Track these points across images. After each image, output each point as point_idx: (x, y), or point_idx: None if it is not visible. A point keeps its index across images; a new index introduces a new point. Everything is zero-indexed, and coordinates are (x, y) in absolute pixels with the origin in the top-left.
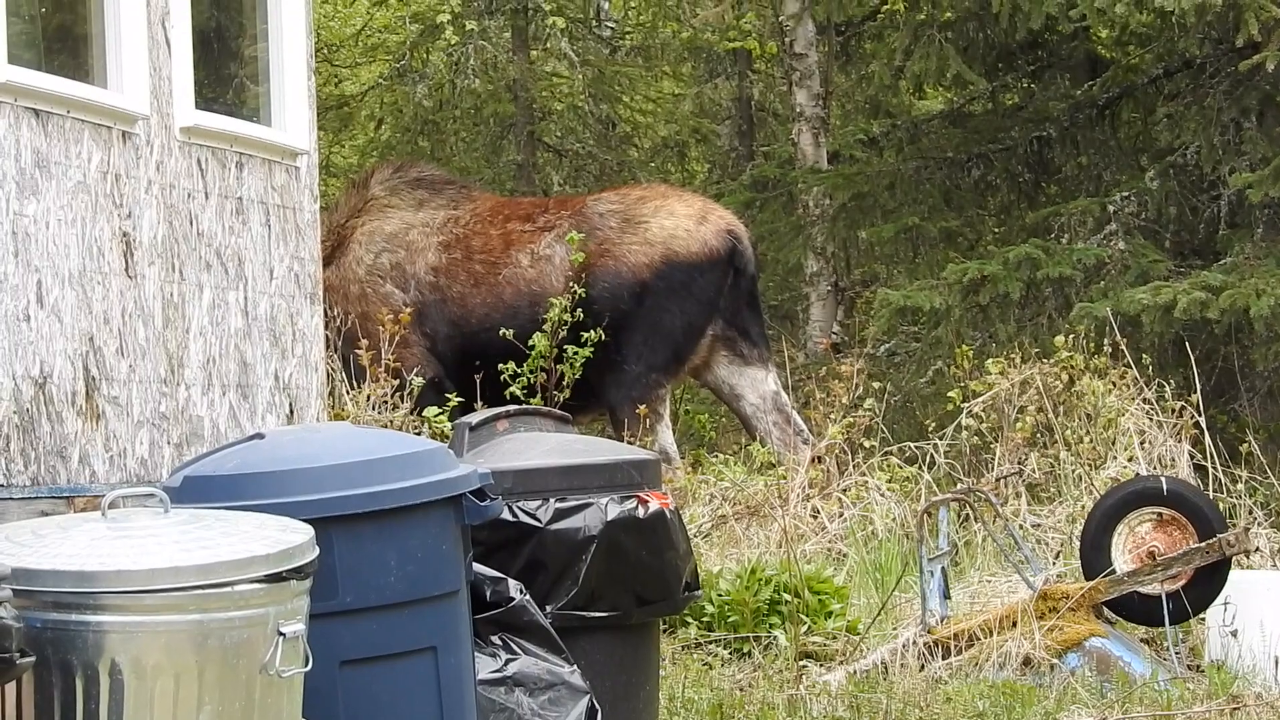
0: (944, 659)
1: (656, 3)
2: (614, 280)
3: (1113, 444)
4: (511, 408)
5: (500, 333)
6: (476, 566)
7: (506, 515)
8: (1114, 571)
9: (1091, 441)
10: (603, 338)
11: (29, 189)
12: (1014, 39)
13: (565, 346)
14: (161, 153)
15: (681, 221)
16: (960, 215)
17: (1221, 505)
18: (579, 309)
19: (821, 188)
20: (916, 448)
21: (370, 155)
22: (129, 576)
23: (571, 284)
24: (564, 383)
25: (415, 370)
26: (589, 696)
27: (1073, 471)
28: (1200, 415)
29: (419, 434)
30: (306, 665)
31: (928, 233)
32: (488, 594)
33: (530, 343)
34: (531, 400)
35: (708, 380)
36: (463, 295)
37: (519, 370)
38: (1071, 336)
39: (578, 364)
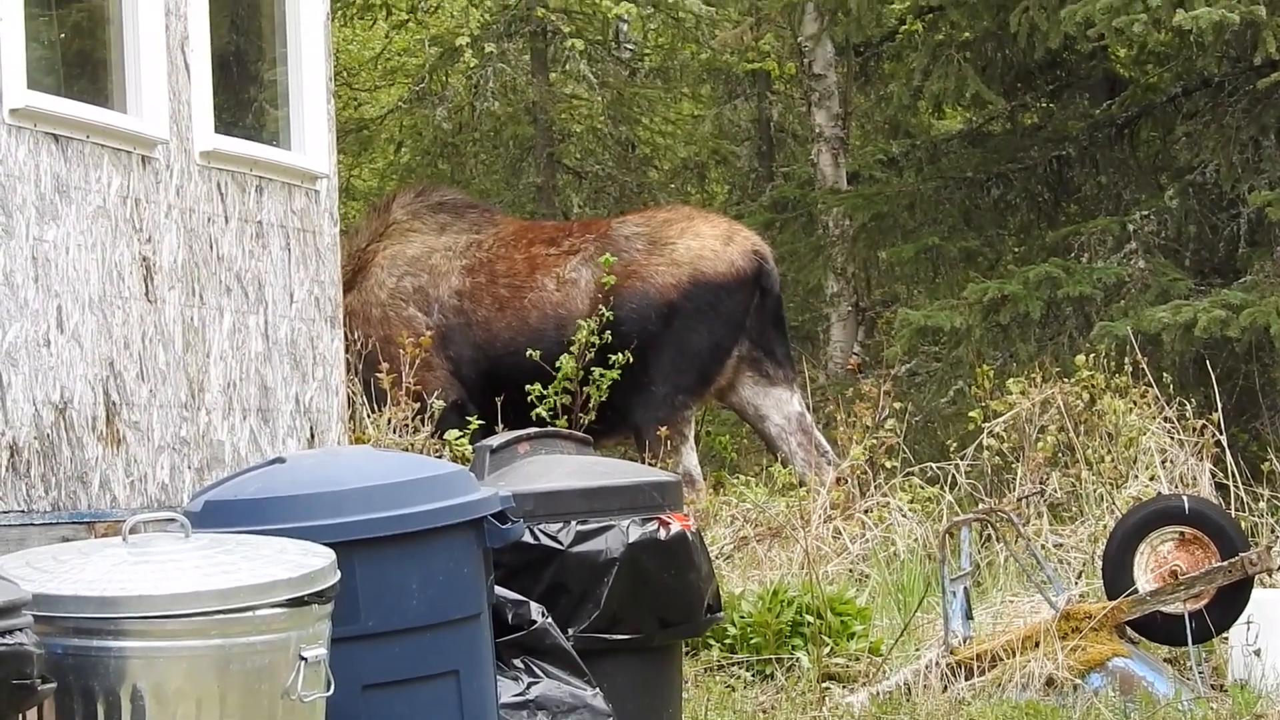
0: (967, 680)
1: (675, 24)
2: (641, 302)
3: (1134, 463)
4: (532, 430)
5: (527, 354)
6: (498, 589)
7: (528, 538)
8: (1136, 591)
9: (1113, 461)
10: (629, 359)
11: (49, 214)
12: (1032, 58)
13: (591, 369)
14: (181, 177)
15: (708, 242)
16: (980, 235)
17: (1244, 524)
18: (606, 331)
19: (841, 208)
20: (938, 468)
21: (390, 178)
22: (150, 602)
23: (598, 307)
24: (589, 405)
25: (438, 394)
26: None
27: (1094, 491)
28: (1221, 434)
29: (440, 457)
30: (329, 689)
31: (948, 252)
32: (510, 617)
33: (556, 365)
34: (557, 423)
35: (732, 401)
36: (487, 319)
37: (545, 392)
38: (1092, 356)
39: (604, 386)
